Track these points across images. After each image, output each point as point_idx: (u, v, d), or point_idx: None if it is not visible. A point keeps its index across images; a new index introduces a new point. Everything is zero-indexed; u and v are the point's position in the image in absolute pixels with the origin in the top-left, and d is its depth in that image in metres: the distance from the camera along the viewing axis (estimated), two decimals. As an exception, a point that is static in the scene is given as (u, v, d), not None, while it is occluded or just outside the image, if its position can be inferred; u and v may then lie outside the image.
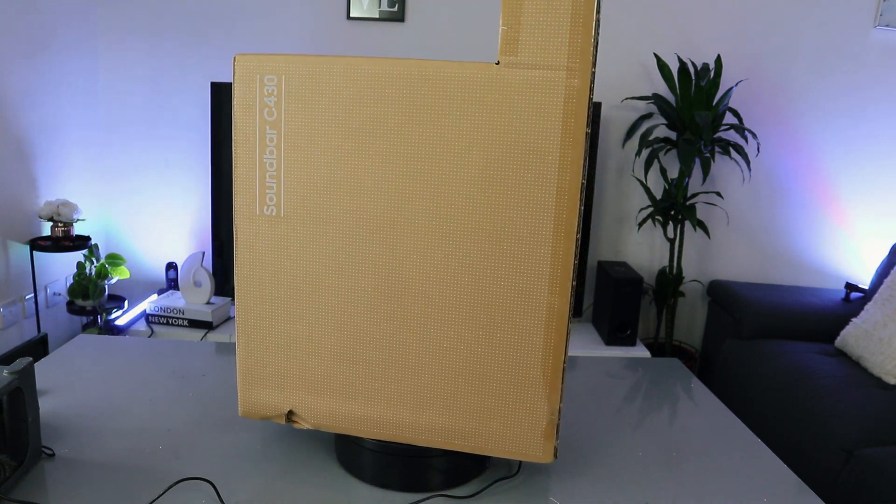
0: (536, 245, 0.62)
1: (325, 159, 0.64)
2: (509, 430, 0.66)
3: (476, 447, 0.67)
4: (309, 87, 0.63)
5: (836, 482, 1.54)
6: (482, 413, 0.66)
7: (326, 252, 0.65)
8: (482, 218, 0.62)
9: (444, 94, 0.60)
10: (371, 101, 0.61)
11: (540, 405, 0.65)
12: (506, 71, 0.59)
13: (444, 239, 0.63)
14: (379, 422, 0.68)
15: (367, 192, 0.63)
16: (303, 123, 0.64)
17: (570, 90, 0.58)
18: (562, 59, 0.58)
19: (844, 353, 1.97)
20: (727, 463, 0.78)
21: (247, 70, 0.64)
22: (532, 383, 0.65)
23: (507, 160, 0.61)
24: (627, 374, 1.03)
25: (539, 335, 0.63)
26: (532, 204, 0.61)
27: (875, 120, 2.35)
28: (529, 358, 0.64)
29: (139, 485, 0.67)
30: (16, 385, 0.66)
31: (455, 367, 0.66)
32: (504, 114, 0.60)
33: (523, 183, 0.61)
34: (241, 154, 0.66)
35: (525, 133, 0.60)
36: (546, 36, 0.58)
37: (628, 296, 2.09)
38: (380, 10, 2.22)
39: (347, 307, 0.66)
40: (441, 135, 0.61)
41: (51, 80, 2.05)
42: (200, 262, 2.07)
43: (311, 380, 0.69)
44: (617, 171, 2.38)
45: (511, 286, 0.63)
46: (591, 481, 0.73)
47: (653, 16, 2.27)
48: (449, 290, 0.64)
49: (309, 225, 0.65)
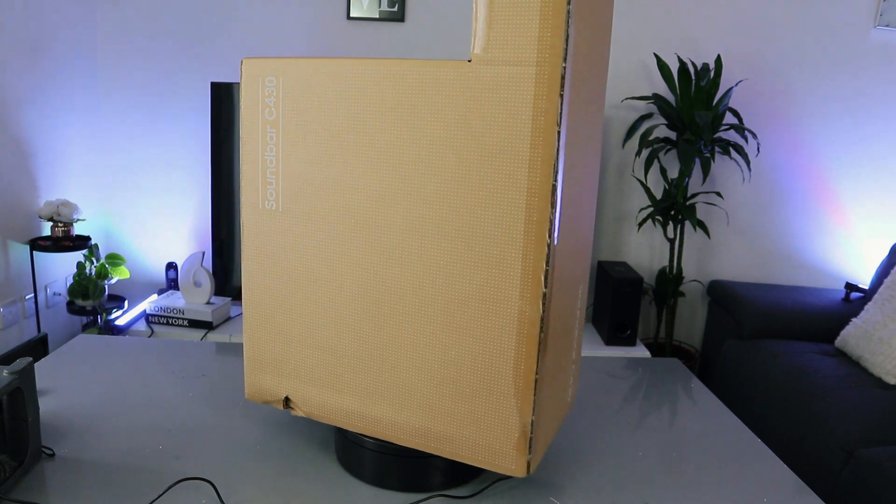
0: (507, 248, 0.59)
1: (316, 157, 0.66)
2: (482, 438, 0.64)
3: (451, 453, 0.66)
4: (301, 87, 0.66)
5: (836, 482, 1.54)
6: (456, 418, 0.65)
7: (318, 247, 0.68)
8: (456, 219, 0.61)
9: (419, 93, 0.60)
10: (355, 101, 0.63)
11: (511, 416, 0.62)
12: (477, 68, 0.57)
13: (421, 239, 0.63)
14: (363, 416, 0.69)
15: (352, 190, 0.65)
16: (297, 122, 0.67)
17: (539, 86, 0.55)
18: (531, 54, 0.55)
19: (844, 353, 1.97)
20: (727, 463, 0.78)
21: (251, 72, 0.68)
22: (504, 393, 0.62)
23: (479, 159, 0.59)
24: (627, 374, 1.03)
25: (510, 343, 0.61)
26: (503, 205, 0.59)
27: (875, 120, 2.35)
28: (501, 366, 0.61)
29: (139, 485, 0.67)
30: (16, 385, 0.66)
31: (431, 369, 0.65)
32: (476, 112, 0.58)
33: (495, 183, 0.59)
34: (246, 151, 0.70)
35: (496, 131, 0.58)
36: (516, 30, 0.55)
37: (628, 296, 2.09)
38: (380, 10, 2.22)
39: (336, 302, 0.68)
40: (417, 134, 0.61)
41: (51, 80, 2.05)
42: (200, 262, 2.07)
43: (305, 370, 0.72)
44: (617, 171, 2.38)
45: (483, 290, 0.61)
46: (591, 481, 0.73)
47: (653, 16, 2.27)
48: (425, 290, 0.63)
49: (302, 220, 0.68)
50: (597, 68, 0.64)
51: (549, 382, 0.64)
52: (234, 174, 2.13)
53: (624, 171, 2.38)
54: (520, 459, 0.63)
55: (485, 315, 0.61)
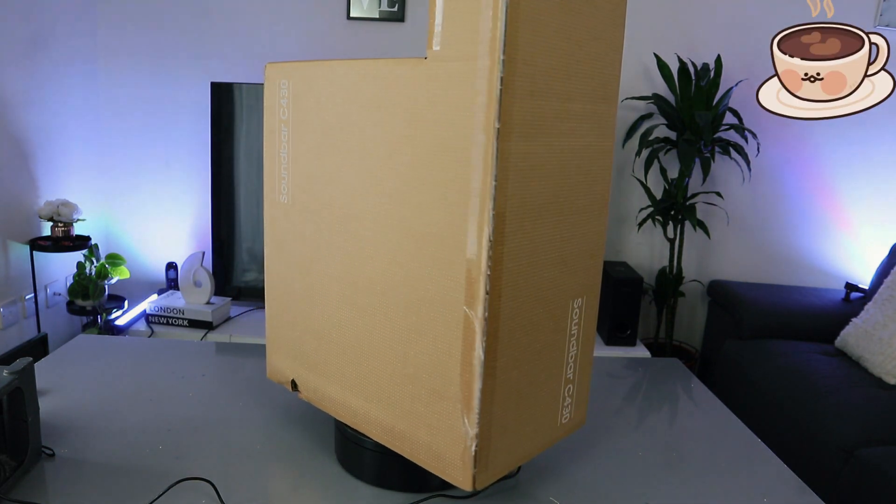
0: (454, 249, 0.57)
1: (313, 153, 0.70)
2: (435, 443, 0.62)
3: (410, 454, 0.65)
4: (303, 88, 0.70)
5: (836, 482, 1.54)
6: (415, 419, 0.63)
7: (312, 236, 0.72)
8: (413, 216, 0.60)
9: (385, 91, 0.61)
10: (340, 100, 0.66)
11: (458, 425, 0.59)
12: (431, 65, 0.57)
13: (386, 234, 0.63)
14: (344, 406, 0.71)
15: (335, 184, 0.68)
16: (300, 121, 0.71)
17: (480, 82, 0.53)
18: (473, 49, 0.53)
19: (844, 353, 1.97)
20: (727, 463, 0.78)
21: (271, 76, 0.74)
22: (452, 399, 0.59)
23: (431, 157, 0.58)
24: (627, 374, 1.03)
25: (457, 347, 0.58)
26: (450, 204, 0.57)
27: (875, 120, 2.35)
28: (450, 372, 0.59)
29: (139, 485, 0.67)
30: (16, 385, 0.66)
31: (395, 366, 0.64)
32: (430, 109, 0.58)
33: (444, 182, 0.57)
34: (267, 148, 0.76)
35: (446, 128, 0.56)
36: (462, 26, 0.54)
37: (628, 296, 2.09)
38: (380, 10, 2.22)
39: (324, 290, 0.71)
40: (383, 131, 0.62)
41: (51, 80, 2.05)
42: (200, 262, 2.07)
43: (303, 354, 0.76)
44: (617, 171, 2.38)
45: (435, 291, 0.59)
46: (591, 481, 0.73)
47: (653, 16, 2.27)
48: (389, 286, 0.64)
49: (303, 212, 0.72)
50: (588, 66, 0.61)
51: (509, 397, 0.60)
52: (235, 174, 2.13)
53: (624, 171, 2.38)
54: (465, 472, 0.60)
55: (436, 317, 0.59)
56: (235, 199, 2.14)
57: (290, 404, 0.87)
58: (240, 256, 2.18)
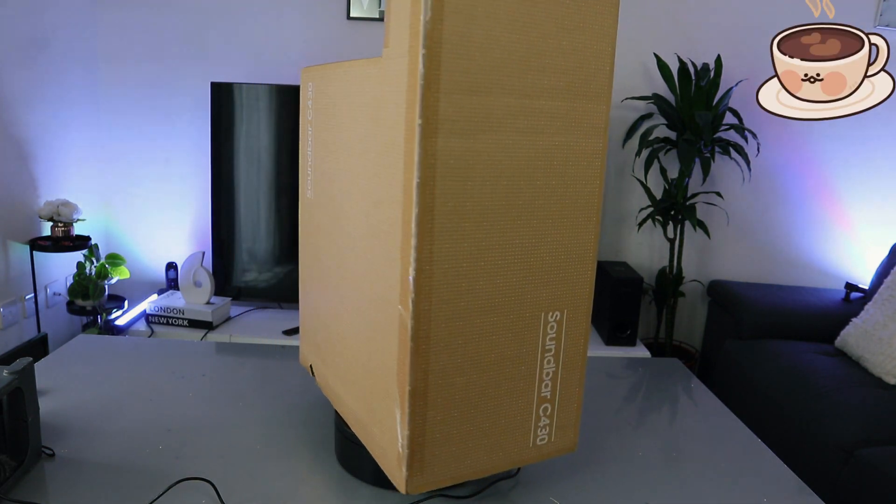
0: (392, 248, 0.57)
1: (324, 150, 0.73)
2: (383, 441, 0.61)
3: (371, 448, 0.64)
4: (320, 90, 0.74)
5: (836, 482, 1.54)
6: (371, 413, 0.63)
7: (321, 231, 0.75)
8: (373, 214, 0.61)
9: (360, 89, 0.63)
10: (339, 101, 0.69)
11: (394, 426, 0.58)
12: (383, 63, 0.57)
13: (356, 230, 0.65)
14: (335, 393, 0.74)
15: (334, 182, 0.71)
16: (318, 121, 0.75)
17: (411, 78, 0.51)
18: (405, 45, 0.52)
19: (844, 353, 1.97)
20: (727, 463, 0.78)
21: (304, 79, 0.78)
22: (392, 398, 0.59)
23: (383, 155, 0.58)
24: (627, 374, 1.03)
25: (393, 349, 0.57)
26: (391, 202, 0.57)
27: (875, 120, 2.35)
28: (390, 371, 0.59)
29: (139, 485, 0.67)
30: (16, 385, 0.66)
31: (359, 357, 0.66)
32: (380, 107, 0.58)
33: (387, 181, 0.57)
34: (300, 147, 0.80)
35: (389, 126, 0.56)
36: (398, 22, 0.53)
37: (628, 296, 2.09)
38: (380, 11, 2.22)
39: (328, 284, 0.74)
40: (358, 131, 0.64)
41: (51, 81, 2.05)
42: (200, 262, 2.07)
43: (316, 343, 0.80)
44: (617, 171, 2.38)
45: (383, 289, 0.59)
46: (591, 481, 0.73)
47: (653, 16, 2.27)
48: (361, 282, 0.65)
49: (319, 207, 0.76)
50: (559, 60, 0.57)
51: (452, 404, 0.58)
52: (235, 174, 2.13)
53: (624, 171, 2.38)
54: (398, 474, 0.58)
55: (389, 315, 0.59)
56: (235, 199, 2.14)
57: (290, 404, 0.87)
58: (240, 256, 2.18)
